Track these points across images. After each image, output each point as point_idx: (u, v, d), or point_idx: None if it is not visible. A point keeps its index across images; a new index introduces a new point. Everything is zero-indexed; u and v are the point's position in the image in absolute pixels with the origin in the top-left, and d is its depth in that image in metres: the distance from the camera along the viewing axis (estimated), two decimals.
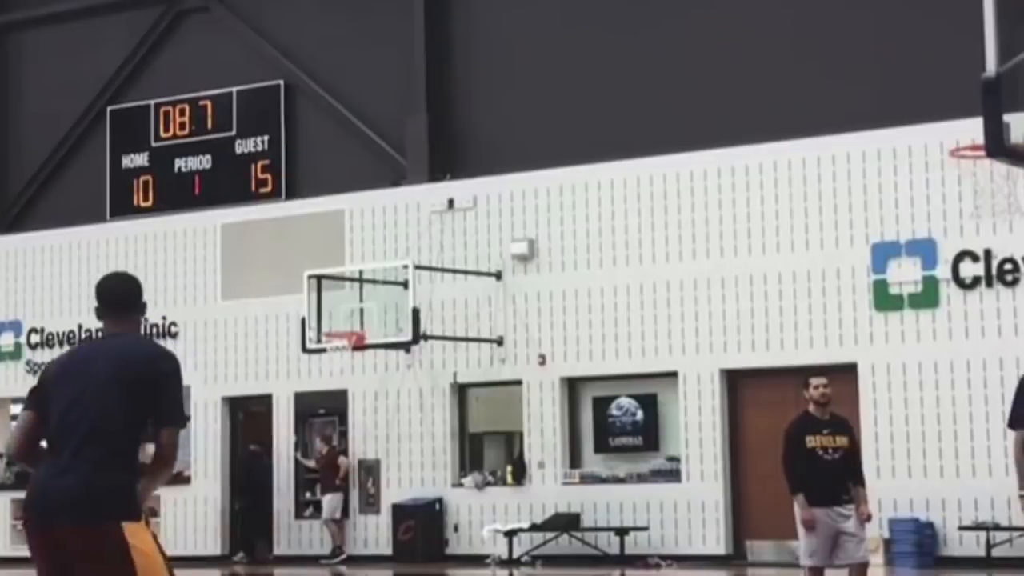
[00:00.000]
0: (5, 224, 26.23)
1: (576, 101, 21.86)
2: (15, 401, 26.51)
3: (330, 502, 21.90)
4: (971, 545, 18.35)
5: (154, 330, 24.10)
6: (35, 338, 25.12)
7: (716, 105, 20.74)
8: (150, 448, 6.04)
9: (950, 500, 18.56)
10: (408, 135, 23.13)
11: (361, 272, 21.52)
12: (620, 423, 20.96)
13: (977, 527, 18.24)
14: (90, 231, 24.97)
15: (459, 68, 23.13)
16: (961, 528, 18.38)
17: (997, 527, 18.20)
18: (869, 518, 11.11)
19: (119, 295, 6.31)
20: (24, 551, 21.09)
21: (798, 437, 11.03)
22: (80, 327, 24.64)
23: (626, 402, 20.96)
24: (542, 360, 21.14)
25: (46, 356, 24.92)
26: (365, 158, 23.54)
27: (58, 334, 24.91)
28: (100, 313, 6.26)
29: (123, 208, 25.31)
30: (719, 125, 20.44)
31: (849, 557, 10.90)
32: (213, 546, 23.06)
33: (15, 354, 25.26)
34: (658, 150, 20.53)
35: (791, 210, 19.79)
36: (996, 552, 18.12)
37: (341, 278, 21.52)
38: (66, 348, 24.62)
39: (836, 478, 10.97)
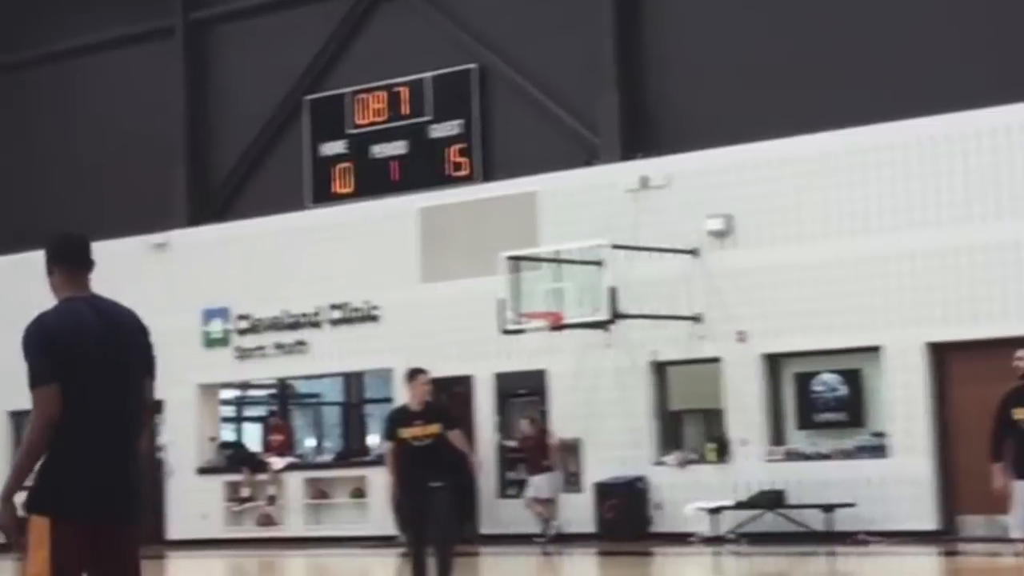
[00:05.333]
0: (211, 214, 26.91)
1: (770, 73, 21.62)
2: (224, 386, 27.30)
3: (540, 482, 22.03)
4: None
5: (356, 313, 24.54)
6: (243, 324, 25.74)
7: (913, 72, 20.34)
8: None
9: None
10: (600, 114, 23.14)
11: (557, 252, 21.58)
12: (823, 399, 20.73)
13: None
14: (292, 219, 25.49)
15: (650, 43, 23.04)
16: None
17: None
18: None
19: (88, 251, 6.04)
20: (239, 532, 21.53)
21: (1005, 409, 11.17)
22: (286, 312, 25.17)
23: (829, 377, 20.71)
24: (741, 337, 21.00)
25: (253, 342, 25.55)
26: (558, 138, 23.61)
27: (264, 320, 25.47)
28: (79, 270, 5.98)
29: (323, 195, 25.78)
30: (916, 93, 20.05)
31: None
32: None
33: (224, 341, 25.90)
34: (857, 121, 20.19)
35: (997, 180, 19.32)
36: None
37: (537, 259, 21.62)
38: (270, 334, 25.34)
39: None
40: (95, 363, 5.87)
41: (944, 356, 19.75)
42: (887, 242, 19.99)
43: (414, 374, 13.10)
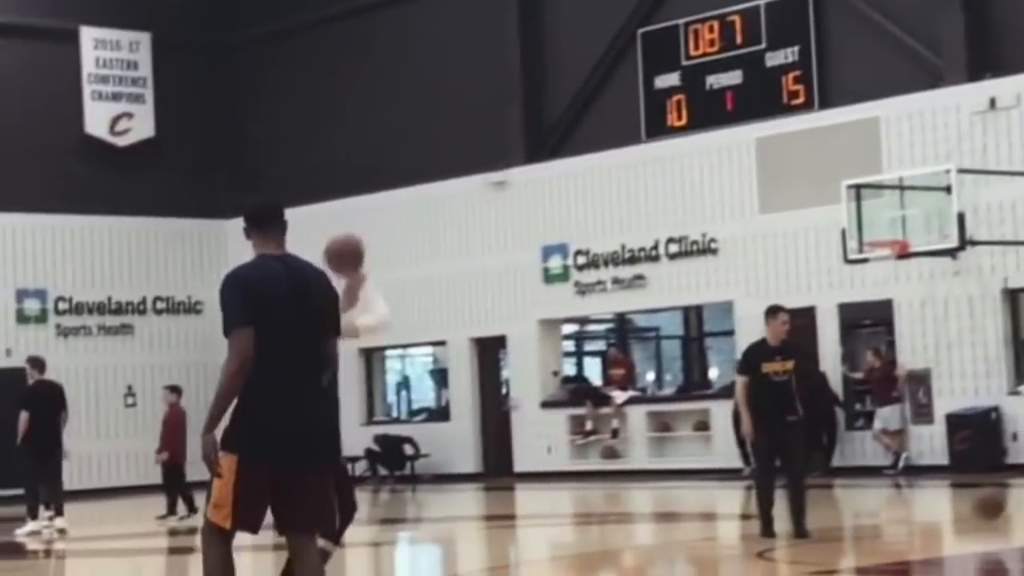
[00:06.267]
0: (547, 150, 27.19)
1: None
2: (565, 322, 27.67)
3: (887, 414, 21.71)
4: None
5: (694, 246, 24.49)
6: (581, 260, 25.98)
7: None
8: None
9: None
10: (944, 34, 22.36)
11: (901, 179, 21.02)
12: None
13: None
14: (627, 153, 25.54)
15: None
16: None
17: None
18: None
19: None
20: (584, 464, 21.70)
21: None
22: (623, 247, 25.30)
23: None
24: None
25: (591, 277, 25.79)
26: (899, 62, 22.94)
27: (602, 255, 25.64)
28: (271, 232, 6.65)
29: (658, 128, 25.72)
30: None
31: None
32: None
33: (563, 276, 26.19)
34: None
35: None
36: None
37: (880, 186, 21.14)
38: (609, 268, 25.51)
39: None
40: (284, 314, 6.37)
41: None
42: None
43: (774, 311, 13.31)
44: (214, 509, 6.42)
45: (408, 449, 27.19)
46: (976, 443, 20.74)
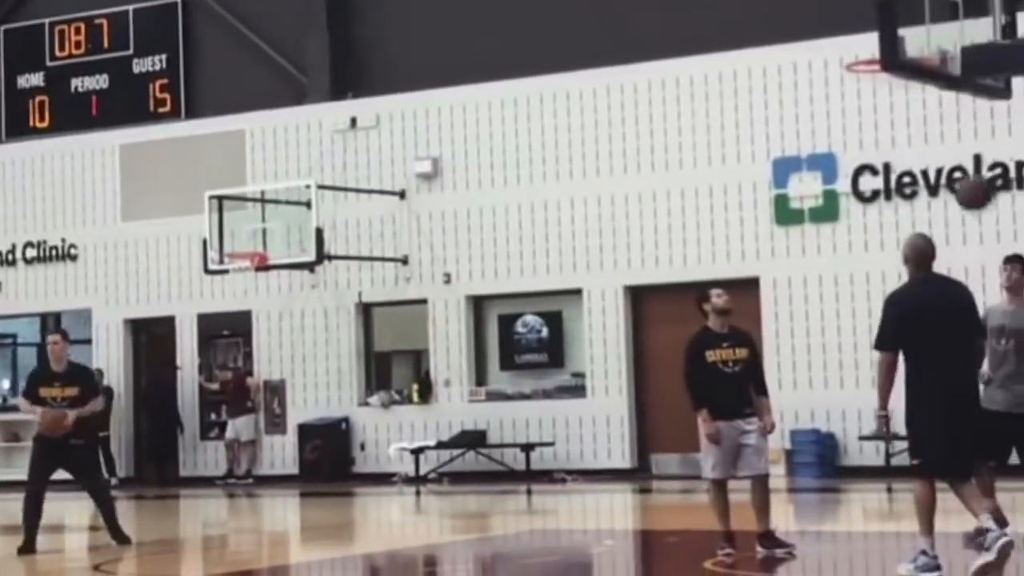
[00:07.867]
0: None
1: (479, 18, 21.74)
2: None
3: (242, 424, 21.92)
4: (871, 454, 18.71)
5: (53, 252, 23.85)
6: None
7: (616, 21, 20.72)
8: None
9: (850, 411, 18.88)
10: (309, 53, 22.91)
11: (263, 192, 21.33)
12: (525, 340, 21.07)
13: (876, 437, 18.57)
14: None
15: None
16: (861, 438, 18.72)
17: (896, 437, 18.49)
18: (772, 429, 11.15)
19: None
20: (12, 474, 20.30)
21: (698, 352, 10.97)
22: None
23: (531, 319, 21.06)
24: (447, 278, 21.16)
25: None
26: (266, 77, 23.31)
27: None
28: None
29: (19, 129, 24.97)
30: (619, 41, 20.44)
31: (751, 468, 10.94)
32: (122, 468, 22.83)
33: None
34: (559, 67, 20.48)
35: (693, 127, 19.87)
36: (895, 461, 18.46)
37: (243, 198, 21.35)
38: None
39: (737, 391, 10.95)
40: None
41: (640, 298, 20.29)
42: (588, 186, 20.38)
43: (50, 334, 13.68)
44: None
45: None
46: (325, 452, 21.33)
